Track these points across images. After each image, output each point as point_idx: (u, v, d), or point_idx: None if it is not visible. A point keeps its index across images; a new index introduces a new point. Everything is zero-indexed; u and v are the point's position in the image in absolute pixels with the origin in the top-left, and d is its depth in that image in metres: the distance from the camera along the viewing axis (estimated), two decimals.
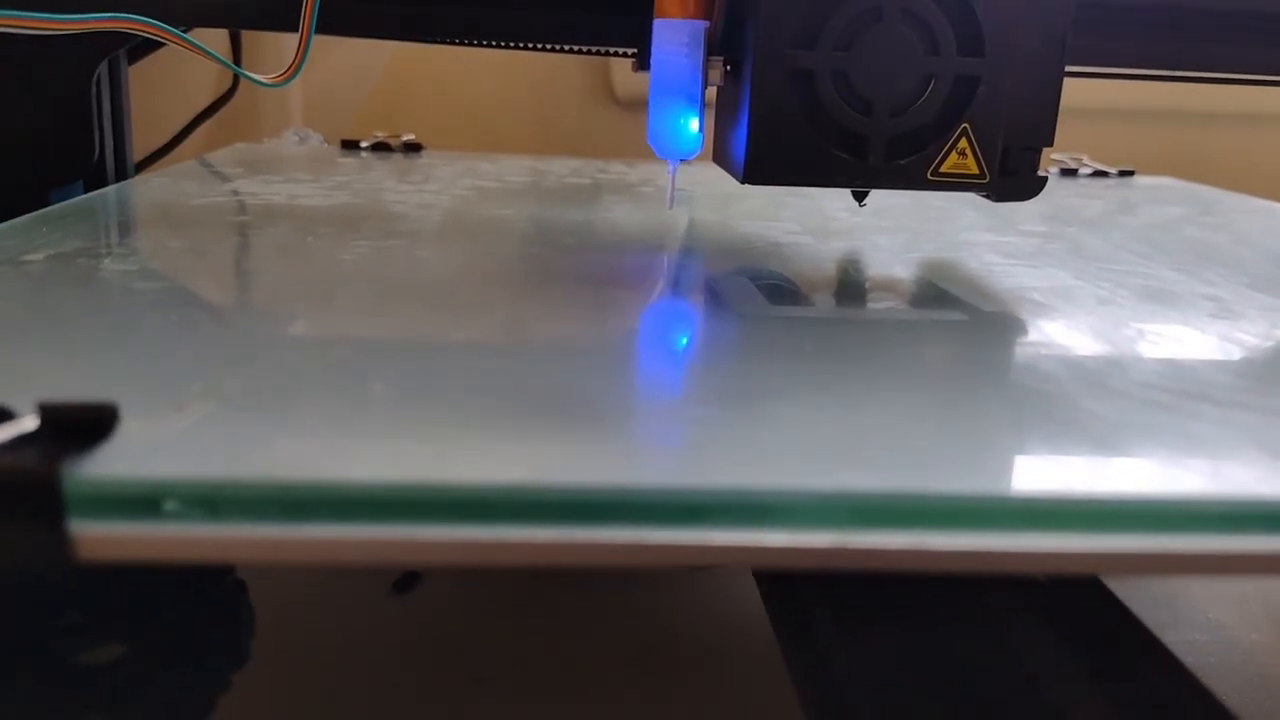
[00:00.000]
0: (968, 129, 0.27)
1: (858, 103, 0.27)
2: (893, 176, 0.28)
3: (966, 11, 0.27)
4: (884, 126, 0.27)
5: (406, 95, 0.73)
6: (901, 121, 0.27)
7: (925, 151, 0.28)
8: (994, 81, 0.27)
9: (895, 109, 0.27)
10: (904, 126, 0.27)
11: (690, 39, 0.29)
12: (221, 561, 0.18)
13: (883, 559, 0.15)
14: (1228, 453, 0.17)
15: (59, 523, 0.14)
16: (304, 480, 0.15)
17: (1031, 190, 0.29)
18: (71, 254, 0.28)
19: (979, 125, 0.27)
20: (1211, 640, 0.35)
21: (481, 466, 0.16)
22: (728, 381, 0.21)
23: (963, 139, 0.27)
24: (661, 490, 0.15)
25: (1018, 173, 0.28)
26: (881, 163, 0.27)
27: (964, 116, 0.27)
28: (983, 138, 0.28)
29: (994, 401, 0.20)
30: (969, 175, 0.28)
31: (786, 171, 0.28)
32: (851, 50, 0.27)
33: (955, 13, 0.27)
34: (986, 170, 0.28)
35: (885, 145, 0.27)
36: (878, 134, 0.27)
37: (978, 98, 0.27)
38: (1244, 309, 0.28)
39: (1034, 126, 0.28)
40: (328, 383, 0.19)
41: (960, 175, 0.28)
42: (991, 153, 0.28)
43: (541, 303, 0.27)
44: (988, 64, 0.27)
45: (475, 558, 0.15)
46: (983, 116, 0.27)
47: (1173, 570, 0.16)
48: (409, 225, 0.36)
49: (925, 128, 0.27)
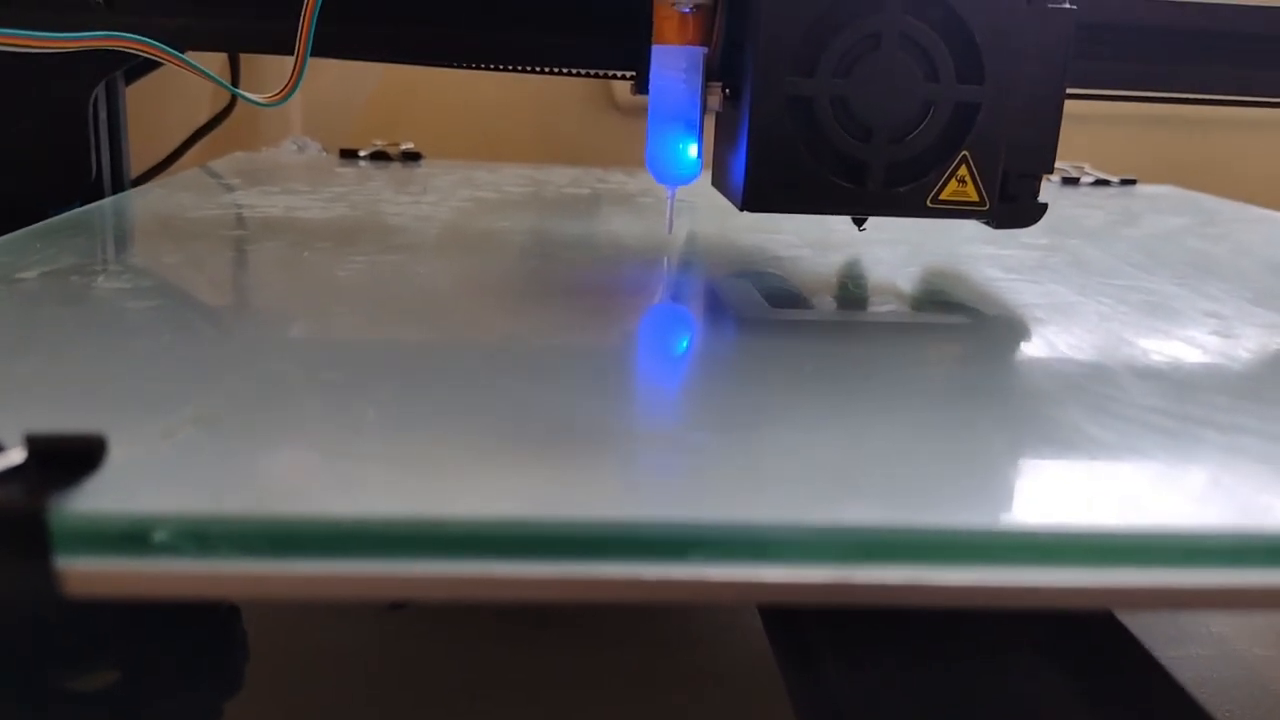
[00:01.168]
0: (967, 156, 0.27)
1: (857, 129, 0.27)
2: (892, 203, 0.28)
3: (966, 39, 0.27)
4: (883, 153, 0.27)
5: (405, 102, 0.73)
6: (901, 148, 0.27)
7: (925, 178, 0.28)
8: (994, 108, 0.27)
9: (894, 136, 0.27)
10: (903, 153, 0.27)
11: (689, 65, 0.28)
12: (211, 596, 0.18)
13: (882, 595, 0.14)
14: (1234, 481, 0.17)
15: (46, 559, 0.14)
16: (295, 515, 0.14)
17: (1032, 217, 0.29)
18: (65, 270, 0.28)
19: (979, 152, 0.27)
20: (1215, 655, 0.35)
21: (473, 499, 0.15)
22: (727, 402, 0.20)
23: (962, 166, 0.27)
24: (657, 525, 0.15)
25: (1018, 199, 0.28)
26: (881, 190, 0.27)
27: (964, 143, 0.27)
28: (982, 165, 0.27)
29: (994, 427, 0.20)
30: (969, 202, 0.28)
31: (786, 198, 0.28)
32: (851, 77, 0.27)
33: (955, 40, 0.27)
34: (986, 197, 0.28)
35: (884, 172, 0.27)
36: (877, 161, 0.27)
37: (977, 125, 0.27)
38: (1245, 327, 0.28)
39: (1034, 153, 0.28)
40: (319, 409, 0.19)
41: (960, 202, 0.28)
42: (991, 180, 0.28)
43: (538, 320, 0.27)
44: (987, 91, 0.27)
45: (467, 593, 0.15)
46: (982, 143, 0.27)
47: (1183, 605, 0.16)
48: (406, 239, 0.36)
49: (925, 155, 0.27)
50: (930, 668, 0.19)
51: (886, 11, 0.26)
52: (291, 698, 0.30)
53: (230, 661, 0.21)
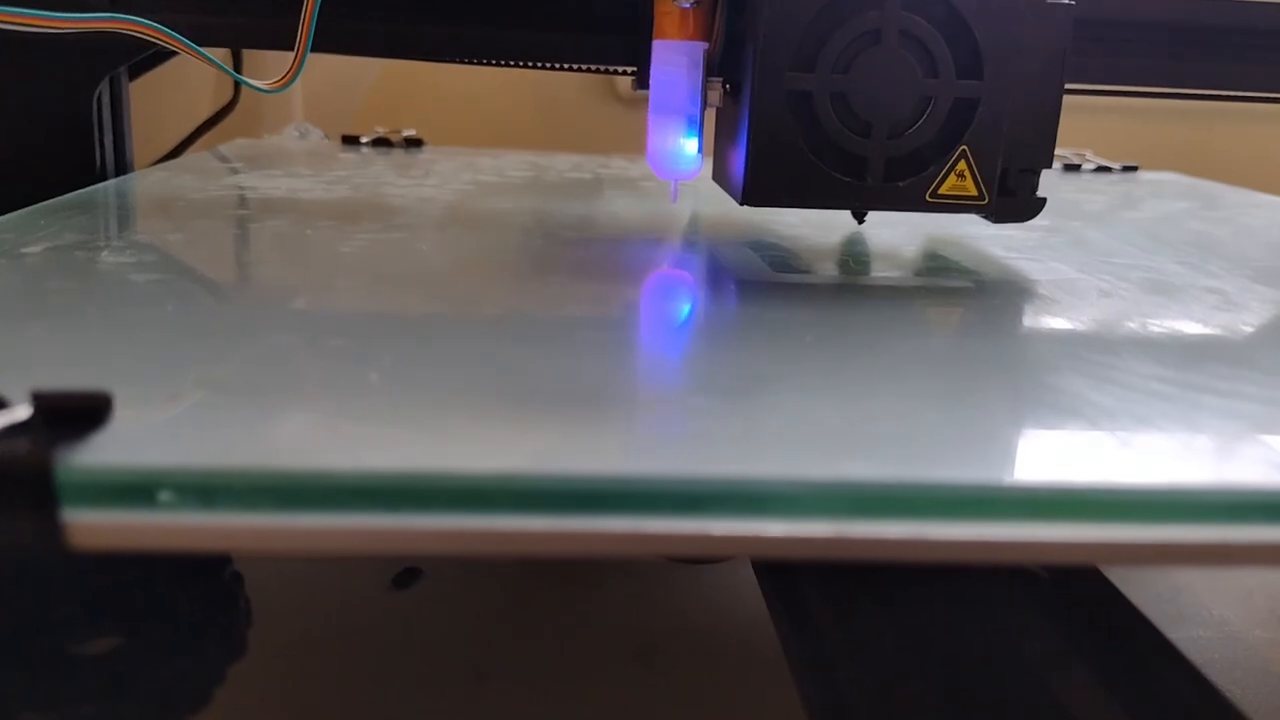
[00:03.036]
0: (966, 151, 0.27)
1: (856, 124, 0.27)
2: (891, 198, 0.28)
3: (965, 34, 0.27)
4: (882, 148, 0.27)
5: (407, 90, 0.73)
6: (900, 143, 0.27)
7: (924, 173, 0.28)
8: (993, 104, 0.27)
9: (894, 131, 0.27)
10: (903, 148, 0.27)
11: (690, 60, 0.28)
12: (216, 550, 0.18)
13: (882, 549, 0.15)
14: (1231, 442, 0.17)
15: (53, 511, 0.14)
16: (299, 469, 0.15)
17: (1030, 212, 0.29)
18: (69, 246, 0.28)
19: (978, 147, 0.27)
20: (1216, 636, 0.35)
21: (478, 455, 0.15)
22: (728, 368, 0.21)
23: (961, 161, 0.27)
24: (660, 479, 0.15)
25: (1016, 194, 0.29)
26: (880, 184, 0.28)
27: (963, 138, 0.27)
28: (981, 159, 0.28)
29: (995, 392, 0.20)
30: (968, 197, 0.28)
31: (785, 193, 0.28)
32: (850, 72, 0.27)
33: (954, 35, 0.27)
34: (985, 192, 0.28)
35: (884, 167, 0.27)
36: (876, 155, 0.27)
37: (976, 120, 0.27)
38: (1247, 300, 0.28)
39: (1033, 148, 0.28)
40: (324, 371, 0.19)
41: (959, 197, 0.28)
42: (990, 174, 0.28)
43: (541, 289, 0.27)
44: (986, 86, 0.27)
45: (472, 547, 0.15)
46: (981, 138, 0.27)
47: (1175, 561, 0.16)
48: (409, 218, 0.36)
49: (924, 149, 0.28)
50: (928, 630, 0.19)
51: (886, 7, 0.27)
52: (293, 664, 0.30)
53: (233, 627, 0.21)
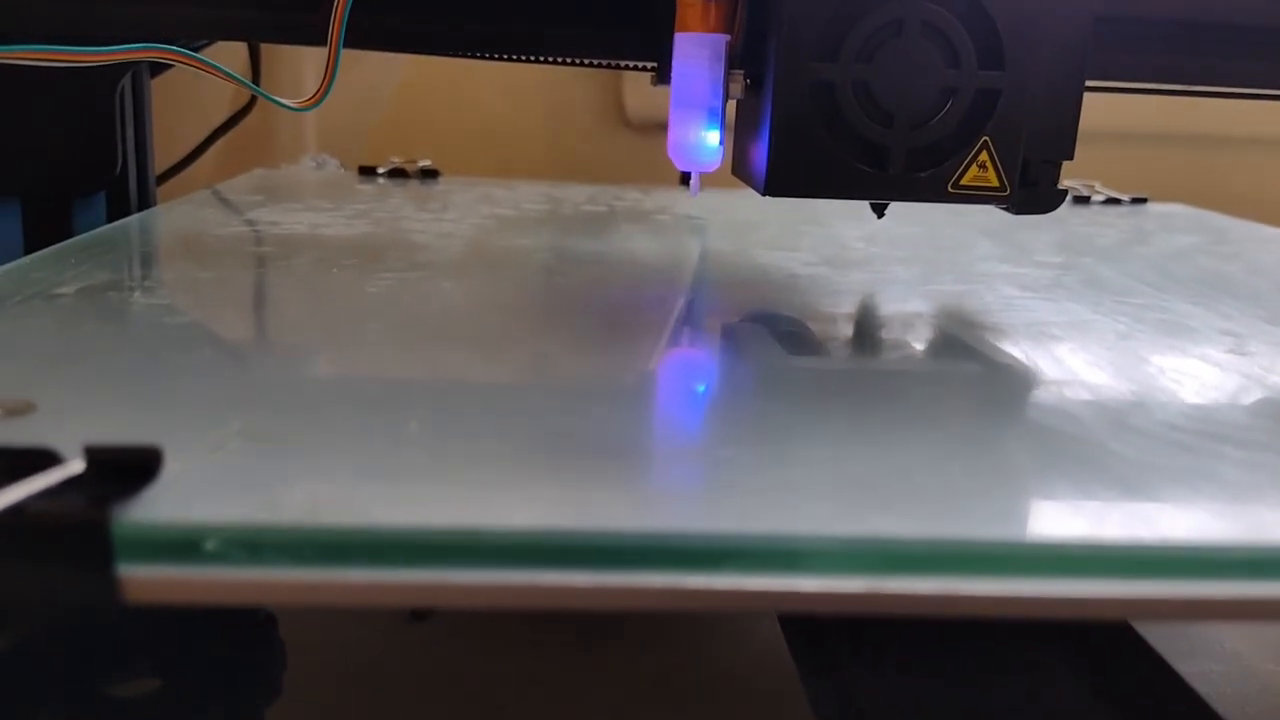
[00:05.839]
0: (988, 141, 0.27)
1: (878, 115, 0.27)
2: (913, 188, 0.27)
3: (987, 24, 0.27)
4: (904, 138, 0.27)
5: (418, 118, 0.74)
6: (922, 134, 0.27)
7: (946, 164, 0.27)
8: (1014, 94, 0.27)
9: (916, 121, 0.27)
10: (924, 139, 0.27)
11: (712, 52, 0.29)
12: (261, 603, 0.19)
13: (912, 605, 0.15)
14: (1254, 496, 0.18)
15: (108, 567, 0.14)
16: (342, 525, 0.15)
17: (1052, 203, 0.29)
18: (101, 287, 0.28)
19: (999, 138, 0.27)
20: (1228, 670, 0.35)
21: (514, 511, 0.16)
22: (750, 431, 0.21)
23: (983, 151, 0.27)
24: (693, 536, 0.15)
25: (1038, 185, 0.28)
26: (902, 174, 0.27)
27: (984, 129, 0.27)
28: (1003, 150, 0.27)
29: (1018, 444, 0.20)
30: (989, 188, 0.28)
31: (807, 183, 0.27)
32: (873, 63, 0.27)
33: (975, 25, 0.27)
34: (1007, 183, 0.28)
35: (906, 157, 0.27)
36: (898, 146, 0.27)
37: (998, 110, 0.27)
38: (1261, 345, 0.28)
39: (1054, 139, 0.28)
40: (361, 423, 0.20)
41: (980, 188, 0.28)
42: (1012, 165, 0.28)
43: (566, 338, 0.27)
44: (1008, 76, 0.27)
45: (509, 601, 0.15)
46: (1003, 129, 0.27)
47: (1203, 616, 0.17)
48: (431, 255, 0.36)
49: (946, 140, 0.27)
50: (952, 680, 0.19)
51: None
52: (327, 704, 0.30)
53: (269, 669, 0.21)
